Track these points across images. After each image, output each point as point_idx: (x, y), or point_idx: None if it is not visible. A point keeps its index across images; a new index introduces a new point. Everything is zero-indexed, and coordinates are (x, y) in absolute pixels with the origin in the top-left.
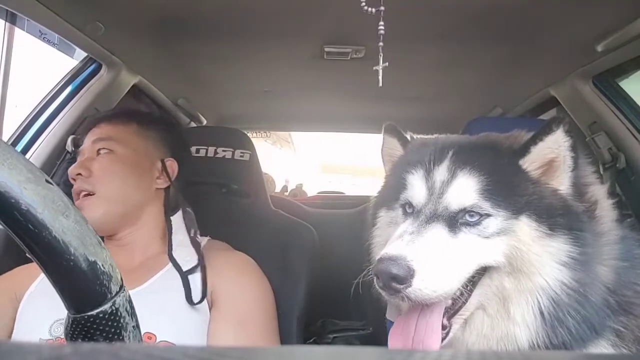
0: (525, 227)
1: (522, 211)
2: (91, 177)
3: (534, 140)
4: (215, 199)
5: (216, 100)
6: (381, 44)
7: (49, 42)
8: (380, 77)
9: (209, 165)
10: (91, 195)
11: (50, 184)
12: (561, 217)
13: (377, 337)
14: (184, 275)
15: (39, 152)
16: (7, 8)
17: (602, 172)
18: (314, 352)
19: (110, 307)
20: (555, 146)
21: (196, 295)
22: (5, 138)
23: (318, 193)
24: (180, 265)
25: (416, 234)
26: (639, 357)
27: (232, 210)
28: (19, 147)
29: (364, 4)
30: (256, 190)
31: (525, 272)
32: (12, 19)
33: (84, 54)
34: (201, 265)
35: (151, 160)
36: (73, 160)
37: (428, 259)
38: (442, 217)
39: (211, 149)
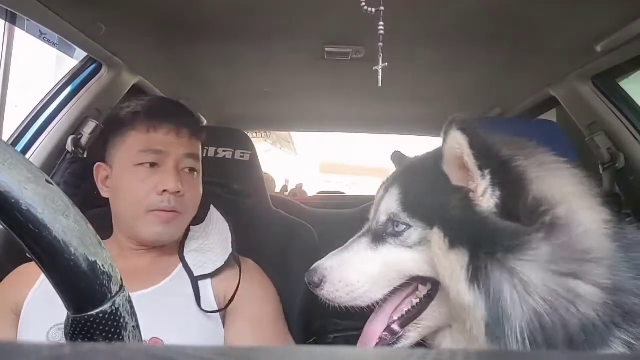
0: (436, 238)
1: (434, 222)
2: (183, 197)
3: (443, 144)
4: (215, 199)
5: (216, 100)
6: (381, 44)
7: (49, 42)
8: (380, 77)
9: (209, 165)
10: (180, 214)
11: (50, 184)
12: (465, 228)
13: None
14: (194, 280)
15: (39, 152)
16: (7, 8)
17: (601, 172)
18: (314, 352)
19: (110, 307)
20: (457, 145)
21: (205, 301)
22: (5, 138)
23: (318, 193)
24: (192, 269)
25: (342, 249)
26: (638, 357)
27: (233, 211)
28: (19, 147)
29: (364, 4)
30: (256, 190)
31: (447, 286)
32: (12, 19)
33: (84, 54)
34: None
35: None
36: (73, 160)
37: (340, 268)
38: (372, 232)
39: (211, 149)
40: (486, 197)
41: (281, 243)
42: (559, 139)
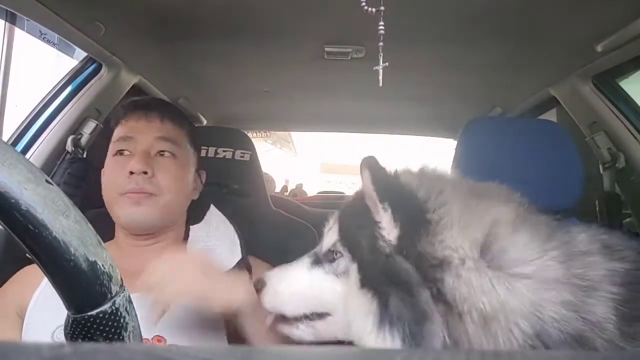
0: (355, 273)
1: (356, 255)
2: (154, 177)
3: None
4: (215, 199)
5: (216, 100)
6: (381, 44)
7: (49, 42)
8: (380, 77)
9: (209, 165)
10: (152, 195)
11: (50, 184)
12: (380, 269)
13: None
14: None
15: (39, 152)
16: (7, 8)
17: (601, 172)
18: (314, 352)
19: (110, 307)
20: (365, 182)
21: None
22: (5, 138)
23: (318, 193)
24: None
25: (289, 264)
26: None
27: (233, 211)
28: (19, 147)
29: (364, 4)
30: (256, 190)
31: (351, 325)
32: (12, 19)
33: (84, 54)
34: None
35: (192, 171)
36: (73, 160)
37: (278, 281)
38: (315, 255)
39: (211, 149)
40: (391, 232)
41: (281, 243)
42: (561, 139)
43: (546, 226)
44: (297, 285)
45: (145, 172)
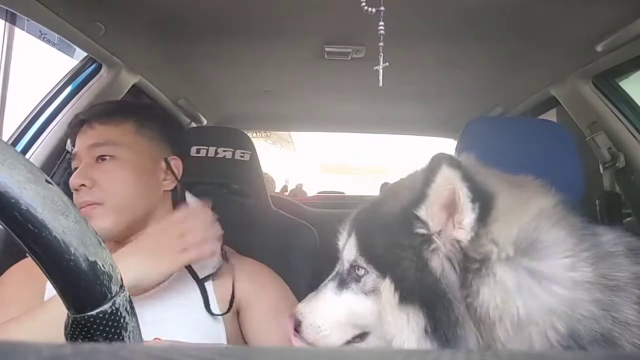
0: (386, 290)
1: (387, 271)
2: (95, 187)
3: (427, 183)
4: (215, 199)
5: (216, 100)
6: (381, 44)
7: (49, 42)
8: (380, 77)
9: (209, 165)
10: (98, 204)
11: (50, 184)
12: (419, 281)
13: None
14: (201, 283)
15: (39, 152)
16: (7, 8)
17: (602, 172)
18: (314, 352)
19: (110, 307)
20: (447, 182)
21: (212, 302)
22: (5, 138)
23: (318, 193)
24: (196, 271)
25: (315, 293)
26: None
27: (233, 211)
28: (19, 147)
29: (364, 4)
30: (256, 190)
31: (389, 340)
32: (12, 19)
33: (84, 54)
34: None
35: (155, 161)
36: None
37: (311, 315)
38: (338, 276)
39: (211, 149)
40: (466, 232)
41: (281, 243)
42: (562, 139)
43: (578, 224)
44: (333, 314)
45: (84, 185)
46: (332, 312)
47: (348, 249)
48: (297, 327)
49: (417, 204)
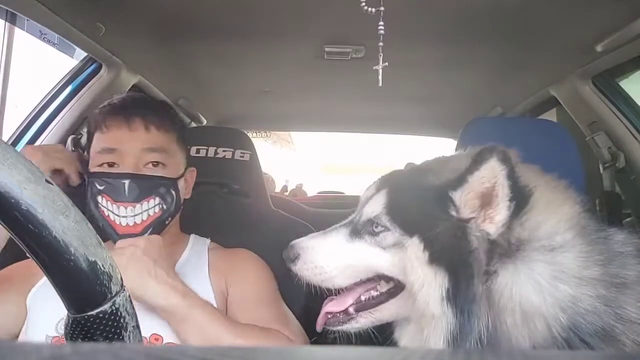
0: (414, 247)
1: (415, 232)
2: None
3: (470, 171)
4: (215, 199)
5: (216, 100)
6: (381, 44)
7: (49, 42)
8: (380, 77)
9: (209, 165)
10: None
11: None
12: (452, 251)
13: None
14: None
15: None
16: (7, 8)
17: (602, 172)
18: (314, 352)
19: (110, 307)
20: (491, 175)
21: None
22: (5, 138)
23: (318, 193)
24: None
25: (322, 233)
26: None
27: (233, 211)
28: (19, 147)
29: (364, 4)
30: (256, 190)
31: (415, 293)
32: (12, 19)
33: (84, 54)
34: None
35: (182, 171)
36: None
37: (314, 250)
38: (352, 224)
39: (211, 149)
40: (496, 228)
41: (281, 243)
42: (563, 139)
43: (594, 226)
44: (342, 258)
45: None
46: (340, 256)
47: (372, 204)
48: (292, 261)
49: (454, 187)
